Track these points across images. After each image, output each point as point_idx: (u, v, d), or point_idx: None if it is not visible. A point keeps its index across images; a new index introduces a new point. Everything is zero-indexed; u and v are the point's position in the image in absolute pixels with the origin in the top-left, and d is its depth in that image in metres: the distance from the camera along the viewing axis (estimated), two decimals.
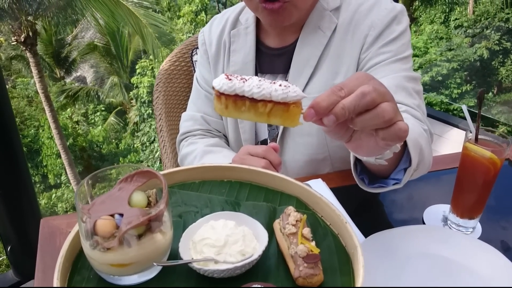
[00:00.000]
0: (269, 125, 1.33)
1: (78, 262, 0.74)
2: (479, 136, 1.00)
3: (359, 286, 0.66)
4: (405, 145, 0.87)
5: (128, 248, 0.66)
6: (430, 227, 1.06)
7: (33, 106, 16.58)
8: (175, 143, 1.71)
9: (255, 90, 0.68)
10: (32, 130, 15.55)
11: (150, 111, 14.68)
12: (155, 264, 0.69)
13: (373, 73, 1.18)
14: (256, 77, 0.70)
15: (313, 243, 0.73)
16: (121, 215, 0.66)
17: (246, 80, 0.69)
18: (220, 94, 0.70)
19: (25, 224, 2.37)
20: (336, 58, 1.23)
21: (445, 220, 1.10)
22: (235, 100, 0.70)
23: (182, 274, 0.72)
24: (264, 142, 1.35)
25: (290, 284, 0.71)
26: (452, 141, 3.74)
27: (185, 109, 1.52)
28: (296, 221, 0.76)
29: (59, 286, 0.66)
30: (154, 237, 0.68)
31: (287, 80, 1.26)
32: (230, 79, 0.69)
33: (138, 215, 0.65)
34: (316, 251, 0.71)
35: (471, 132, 1.01)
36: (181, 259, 0.71)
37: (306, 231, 0.74)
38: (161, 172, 0.83)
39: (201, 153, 1.32)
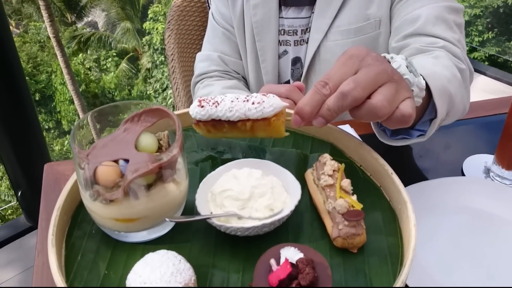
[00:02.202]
0: (293, 64, 1.20)
1: (78, 215, 0.64)
2: None
3: (412, 247, 0.55)
4: (430, 95, 0.74)
5: (135, 201, 0.55)
6: (471, 179, 0.97)
7: (45, 52, 16.43)
8: (188, 86, 1.59)
9: (228, 114, 0.67)
10: (45, 76, 15.47)
11: (163, 58, 14.48)
12: (167, 220, 0.58)
13: (411, 2, 1.04)
14: (230, 96, 0.68)
15: (354, 197, 0.61)
16: (127, 161, 0.55)
17: (218, 104, 0.67)
18: (197, 122, 0.70)
19: (35, 169, 2.30)
20: None
21: (487, 171, 1.00)
22: (214, 125, 0.69)
23: (199, 231, 0.62)
24: (288, 81, 1.22)
25: (326, 245, 0.60)
26: (478, 89, 3.57)
27: (199, 49, 1.39)
28: (333, 171, 0.64)
29: (55, 241, 0.56)
30: (166, 187, 0.57)
31: (313, 13, 1.11)
32: (202, 106, 0.68)
33: (147, 161, 0.54)
34: (359, 206, 0.60)
35: None
36: (198, 214, 0.60)
37: (346, 182, 0.63)
38: (175, 113, 0.71)
39: (218, 95, 1.20)
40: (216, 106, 0.67)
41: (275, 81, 1.21)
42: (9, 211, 9.07)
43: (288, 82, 1.22)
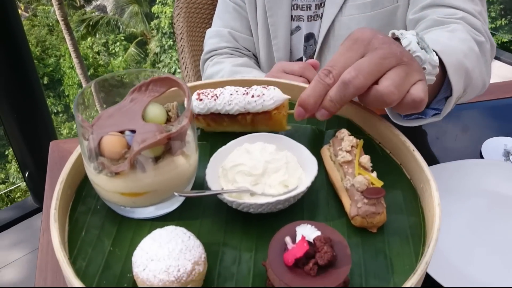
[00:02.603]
0: (306, 41, 1.15)
1: (82, 189, 0.61)
2: None
3: (436, 227, 0.52)
4: (445, 71, 0.71)
5: (142, 174, 0.52)
6: (490, 162, 0.94)
7: (54, 35, 16.39)
8: (197, 65, 1.55)
9: (227, 108, 0.65)
10: (53, 60, 15.46)
11: (171, 43, 14.41)
12: (176, 194, 0.54)
13: None
14: (229, 89, 0.66)
15: (374, 174, 0.58)
16: (134, 132, 0.52)
17: (217, 97, 0.65)
18: (197, 116, 0.68)
19: (42, 148, 2.29)
20: None
21: (507, 154, 0.97)
22: (213, 118, 0.67)
23: (210, 208, 0.59)
24: (300, 59, 1.18)
25: (344, 224, 0.57)
26: (494, 74, 3.50)
27: (209, 27, 1.35)
28: (352, 146, 0.60)
29: (57, 216, 0.53)
30: (175, 160, 0.54)
31: None
32: (201, 99, 0.66)
33: (155, 132, 0.50)
34: (379, 184, 0.56)
35: None
36: (208, 189, 0.57)
37: (365, 159, 0.59)
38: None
39: (228, 73, 1.16)
40: (215, 100, 0.65)
41: (286, 58, 1.17)
42: (18, 194, 9.12)
43: (300, 59, 1.18)
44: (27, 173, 2.41)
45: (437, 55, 0.66)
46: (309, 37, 1.14)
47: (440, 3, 0.94)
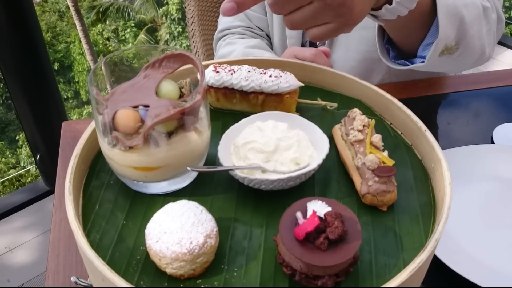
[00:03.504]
0: None
1: (96, 164, 0.62)
2: None
3: (447, 205, 0.52)
4: (435, 14, 0.69)
5: (156, 148, 0.53)
6: (501, 147, 0.94)
7: (64, 21, 16.40)
8: (208, 49, 1.55)
9: (243, 83, 0.66)
10: (63, 46, 15.47)
11: (180, 29, 14.36)
12: (189, 169, 0.55)
13: None
14: (246, 67, 0.67)
15: (386, 154, 0.58)
16: (147, 107, 0.52)
17: (234, 72, 0.66)
18: (209, 88, 0.68)
19: (53, 131, 2.31)
20: None
21: None
22: (225, 93, 0.68)
23: (221, 185, 0.59)
24: (313, 43, 1.17)
25: (354, 202, 0.57)
26: (504, 63, 3.47)
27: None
28: (363, 126, 0.61)
29: (72, 189, 0.54)
30: (188, 136, 0.54)
31: None
32: (217, 72, 0.67)
33: (168, 106, 0.51)
34: (390, 163, 0.56)
35: None
36: (221, 166, 0.57)
37: (377, 138, 0.59)
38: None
39: (240, 55, 1.16)
40: (232, 74, 0.66)
41: (299, 37, 1.16)
42: (29, 179, 9.20)
43: (313, 42, 1.17)
44: (38, 155, 2.43)
45: None
46: None
47: None
